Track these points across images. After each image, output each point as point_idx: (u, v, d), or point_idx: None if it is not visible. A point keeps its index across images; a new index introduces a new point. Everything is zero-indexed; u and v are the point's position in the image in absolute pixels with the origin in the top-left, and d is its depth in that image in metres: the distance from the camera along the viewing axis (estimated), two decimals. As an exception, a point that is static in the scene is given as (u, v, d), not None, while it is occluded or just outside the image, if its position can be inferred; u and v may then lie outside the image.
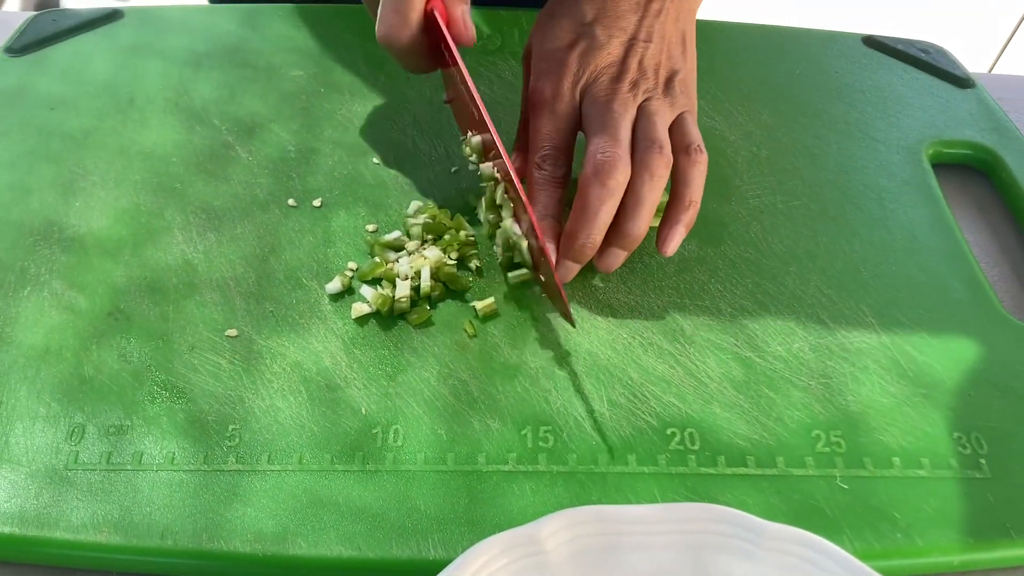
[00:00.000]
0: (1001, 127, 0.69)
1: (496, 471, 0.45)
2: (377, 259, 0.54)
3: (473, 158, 0.56)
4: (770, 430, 0.48)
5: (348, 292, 0.53)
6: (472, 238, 0.56)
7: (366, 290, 0.52)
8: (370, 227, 0.57)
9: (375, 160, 0.62)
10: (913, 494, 0.45)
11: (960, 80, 0.74)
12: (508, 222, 0.53)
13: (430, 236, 0.56)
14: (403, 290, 0.52)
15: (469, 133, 0.56)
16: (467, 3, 0.55)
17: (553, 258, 0.51)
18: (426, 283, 0.52)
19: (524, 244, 0.53)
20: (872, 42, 0.77)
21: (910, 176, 0.64)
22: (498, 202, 0.55)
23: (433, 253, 0.53)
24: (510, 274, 0.54)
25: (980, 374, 0.51)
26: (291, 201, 0.58)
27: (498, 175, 0.54)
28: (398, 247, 0.55)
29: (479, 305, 0.52)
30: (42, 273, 0.53)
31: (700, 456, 0.46)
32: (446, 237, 0.55)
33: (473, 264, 0.54)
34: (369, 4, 0.57)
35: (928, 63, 0.75)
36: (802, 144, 0.66)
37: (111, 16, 0.73)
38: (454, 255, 0.54)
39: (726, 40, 0.60)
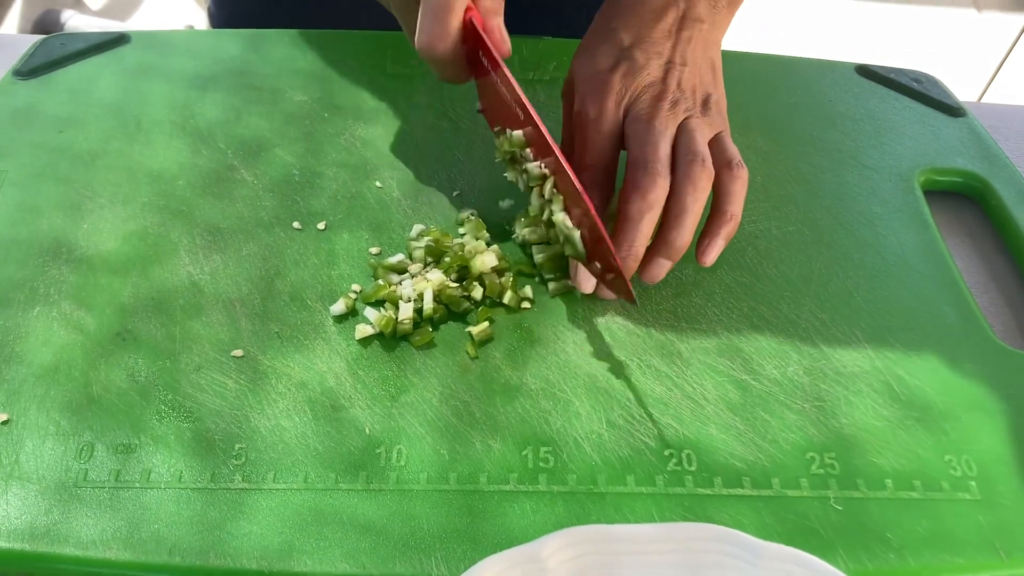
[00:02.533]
0: (991, 155, 0.70)
1: (497, 490, 0.46)
2: (380, 281, 0.55)
3: (506, 164, 0.58)
4: (765, 452, 0.49)
5: (352, 314, 0.54)
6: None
7: (370, 312, 0.53)
8: (373, 250, 0.58)
9: (378, 183, 0.63)
10: (906, 515, 0.46)
11: (951, 108, 0.75)
12: (560, 215, 0.54)
13: (432, 259, 0.56)
14: (406, 312, 0.53)
15: (508, 130, 0.57)
16: (501, 16, 0.57)
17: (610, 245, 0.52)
18: (428, 305, 0.53)
19: (576, 235, 0.53)
20: (865, 71, 0.79)
21: (902, 203, 0.65)
22: (547, 196, 0.55)
23: (435, 276, 0.54)
24: (551, 285, 0.56)
25: (970, 398, 0.52)
26: (296, 223, 0.59)
27: (546, 170, 0.55)
28: (401, 270, 0.56)
29: (475, 330, 0.53)
30: (51, 293, 0.54)
31: (697, 477, 0.47)
32: (446, 259, 0.56)
33: (474, 292, 0.55)
34: (404, 18, 0.58)
35: (920, 92, 0.76)
36: (797, 171, 0.67)
37: (118, 40, 0.74)
38: (454, 276, 0.55)
39: (722, 68, 0.61)
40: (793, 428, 0.50)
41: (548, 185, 0.55)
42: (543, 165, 0.55)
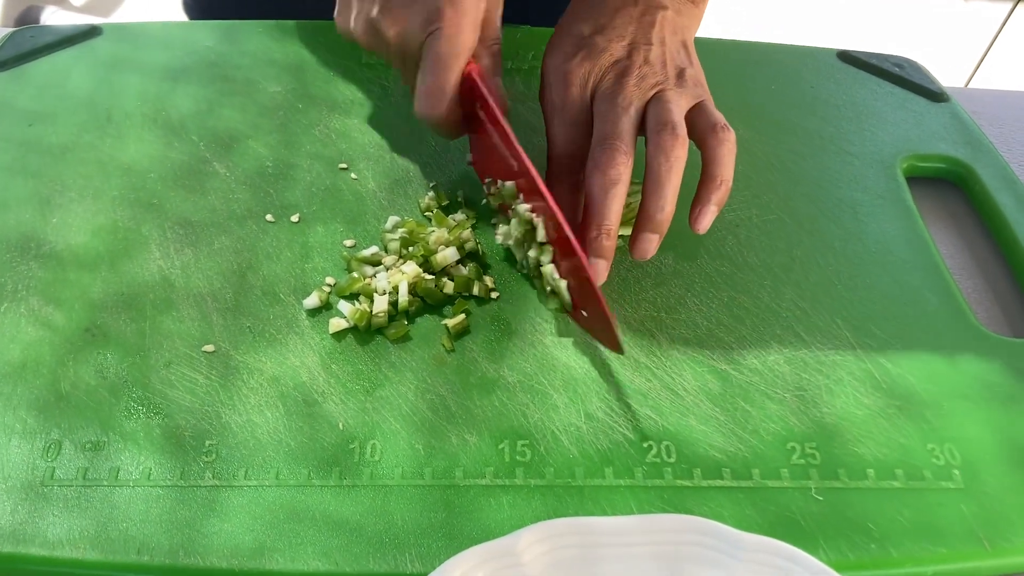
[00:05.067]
0: (975, 141, 0.70)
1: (473, 485, 0.45)
2: (355, 274, 0.54)
3: (500, 230, 0.57)
4: (746, 442, 0.48)
5: (326, 307, 0.53)
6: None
7: (344, 305, 0.52)
8: (348, 242, 0.57)
9: (353, 175, 0.62)
10: (887, 505, 0.45)
11: (934, 94, 0.74)
12: (548, 268, 0.53)
13: (407, 250, 0.56)
14: (381, 305, 0.52)
15: (500, 182, 0.56)
16: (500, 75, 0.57)
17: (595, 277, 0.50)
18: (404, 298, 0.53)
19: (563, 285, 0.52)
20: (847, 57, 0.78)
21: (885, 190, 0.65)
22: (540, 240, 0.53)
23: (410, 268, 0.54)
24: (549, 303, 0.54)
25: (953, 386, 0.51)
26: (269, 216, 0.58)
27: (537, 218, 0.53)
28: (375, 262, 0.55)
29: (451, 323, 0.52)
30: (19, 289, 0.53)
31: (676, 469, 0.47)
32: (411, 249, 0.55)
33: (446, 288, 0.54)
34: (404, 75, 0.58)
35: (902, 77, 0.76)
36: (778, 159, 0.67)
37: (90, 32, 0.73)
38: (427, 266, 0.55)
39: (703, 56, 0.60)
40: (774, 418, 0.49)
41: (540, 231, 0.53)
42: (535, 212, 0.53)
